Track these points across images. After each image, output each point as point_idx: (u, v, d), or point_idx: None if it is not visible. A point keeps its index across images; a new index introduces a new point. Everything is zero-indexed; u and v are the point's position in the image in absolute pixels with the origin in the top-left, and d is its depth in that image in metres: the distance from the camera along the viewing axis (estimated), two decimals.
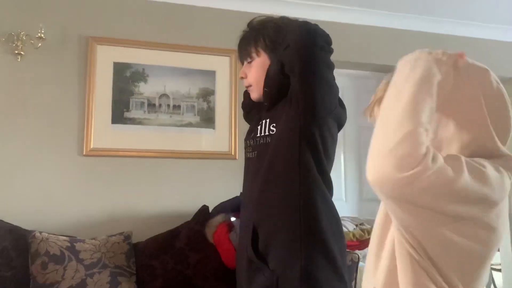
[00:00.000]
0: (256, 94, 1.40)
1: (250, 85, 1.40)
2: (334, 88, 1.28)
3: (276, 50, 1.32)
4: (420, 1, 3.08)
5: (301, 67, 1.22)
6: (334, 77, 1.29)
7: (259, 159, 1.33)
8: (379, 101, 0.84)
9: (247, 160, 1.43)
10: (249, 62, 1.39)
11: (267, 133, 1.31)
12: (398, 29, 3.27)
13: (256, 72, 1.37)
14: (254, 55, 1.36)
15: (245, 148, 1.45)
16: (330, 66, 1.26)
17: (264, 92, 1.36)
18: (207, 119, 2.82)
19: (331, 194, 1.30)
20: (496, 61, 3.49)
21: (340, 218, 1.31)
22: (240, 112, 2.85)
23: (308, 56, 1.21)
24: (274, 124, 1.30)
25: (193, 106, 2.81)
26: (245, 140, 1.46)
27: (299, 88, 1.23)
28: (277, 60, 1.31)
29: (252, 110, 1.55)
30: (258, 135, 1.35)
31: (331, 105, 1.27)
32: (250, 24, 1.41)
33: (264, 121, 1.34)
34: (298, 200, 1.22)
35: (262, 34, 1.35)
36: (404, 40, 3.23)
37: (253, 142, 1.37)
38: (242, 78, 1.42)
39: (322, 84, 1.23)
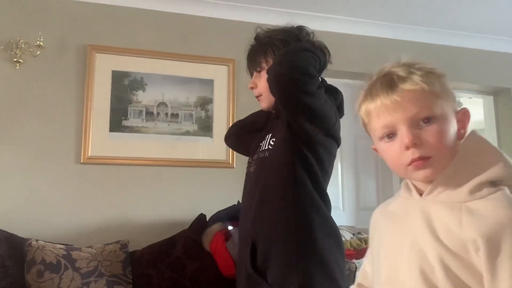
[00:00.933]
0: (266, 103, 1.42)
1: (260, 95, 1.42)
2: (324, 115, 1.27)
3: None
4: (417, 12, 3.11)
5: (284, 105, 1.24)
6: (326, 100, 1.28)
7: (256, 173, 1.35)
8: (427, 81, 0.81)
9: (247, 174, 1.43)
10: (259, 72, 1.40)
11: (266, 148, 1.33)
12: (396, 40, 3.30)
13: (266, 81, 1.36)
14: (264, 65, 1.39)
15: (248, 163, 1.45)
16: (316, 95, 1.22)
17: (275, 100, 1.37)
18: (205, 128, 2.83)
19: (329, 207, 1.30)
20: (491, 71, 3.52)
21: (339, 230, 1.31)
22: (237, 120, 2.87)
23: (289, 95, 1.21)
24: (274, 139, 1.32)
25: (191, 115, 2.82)
26: (250, 155, 1.46)
27: (286, 116, 1.26)
28: None
29: (244, 135, 1.57)
30: (261, 149, 1.37)
31: (325, 128, 1.27)
32: (256, 37, 1.44)
33: (268, 135, 1.35)
34: (293, 215, 1.23)
35: (271, 45, 1.38)
36: (401, 50, 3.25)
37: (256, 157, 1.38)
38: (252, 88, 1.44)
39: (309, 116, 1.23)
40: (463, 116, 0.81)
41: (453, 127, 0.79)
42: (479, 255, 0.70)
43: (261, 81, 1.39)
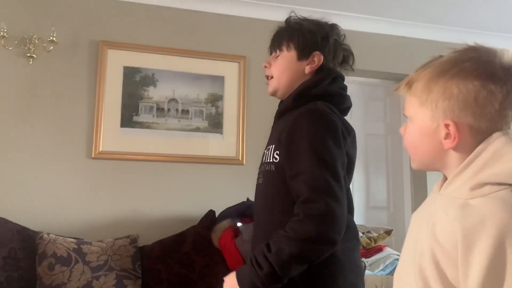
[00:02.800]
0: (272, 88, 1.38)
1: (272, 77, 1.38)
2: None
3: (306, 52, 1.33)
4: (429, 10, 3.08)
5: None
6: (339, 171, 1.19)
7: (264, 186, 1.31)
8: (409, 84, 0.84)
9: (257, 185, 1.39)
10: (276, 53, 1.37)
11: (271, 160, 1.28)
12: (407, 37, 3.27)
13: (280, 65, 1.35)
14: (284, 48, 1.35)
15: (258, 173, 1.41)
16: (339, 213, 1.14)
17: (283, 101, 1.36)
18: (215, 124, 2.83)
19: (350, 210, 1.27)
20: None
21: (358, 233, 1.29)
22: (247, 117, 2.87)
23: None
24: (278, 152, 1.26)
25: (201, 111, 2.82)
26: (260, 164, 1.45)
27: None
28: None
29: None
30: (266, 160, 1.32)
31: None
32: (287, 20, 1.40)
33: (271, 146, 1.31)
34: None
35: (298, 32, 1.34)
36: (412, 48, 3.23)
37: (263, 168, 1.34)
38: (265, 67, 1.40)
39: None
40: (447, 129, 0.79)
41: (424, 134, 0.82)
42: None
43: (276, 64, 1.37)
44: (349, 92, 1.42)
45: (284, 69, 1.34)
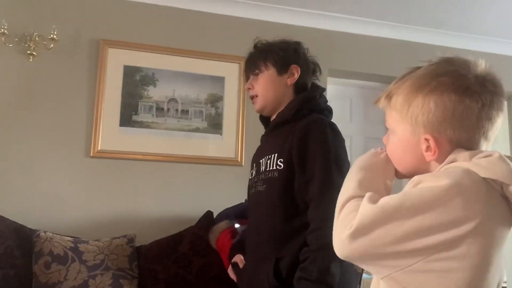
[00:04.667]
0: (259, 105, 1.48)
1: (256, 96, 1.47)
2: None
3: (284, 66, 1.44)
4: (429, 14, 3.08)
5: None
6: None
7: (268, 194, 1.37)
8: (389, 97, 0.87)
9: (256, 193, 1.43)
10: (256, 75, 1.47)
11: (274, 168, 1.35)
12: (406, 41, 3.27)
13: (264, 83, 1.45)
14: (262, 68, 1.45)
15: (253, 181, 1.46)
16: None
17: (279, 114, 1.44)
18: (215, 125, 2.83)
19: None
20: (505, 76, 3.46)
21: None
22: (247, 118, 2.87)
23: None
24: (282, 160, 1.34)
25: (201, 112, 2.82)
26: (254, 171, 1.48)
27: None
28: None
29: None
30: (268, 168, 1.38)
31: None
32: (255, 46, 1.52)
33: (273, 155, 1.37)
34: None
35: (271, 51, 1.46)
36: (412, 52, 3.22)
37: (264, 176, 1.39)
38: (248, 89, 1.50)
39: None
40: (427, 143, 0.81)
41: (406, 147, 0.84)
42: None
43: (258, 83, 1.46)
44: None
45: (268, 86, 1.45)
